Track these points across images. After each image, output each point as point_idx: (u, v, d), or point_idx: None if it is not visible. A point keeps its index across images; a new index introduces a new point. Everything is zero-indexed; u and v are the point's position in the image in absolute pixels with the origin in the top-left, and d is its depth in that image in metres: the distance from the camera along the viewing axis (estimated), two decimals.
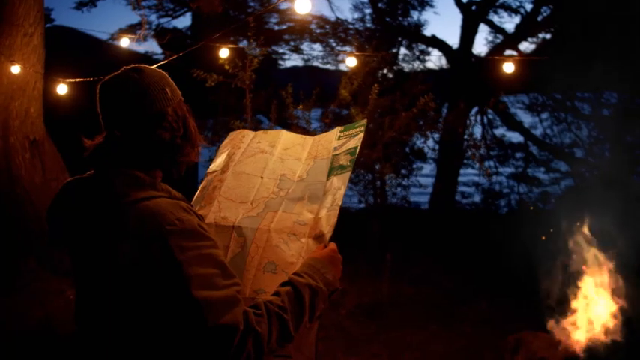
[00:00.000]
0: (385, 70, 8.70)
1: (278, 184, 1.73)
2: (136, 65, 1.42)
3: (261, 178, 1.76)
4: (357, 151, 1.70)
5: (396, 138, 5.05)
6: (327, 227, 1.55)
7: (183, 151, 1.43)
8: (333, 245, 1.54)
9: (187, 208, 1.29)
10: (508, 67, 3.79)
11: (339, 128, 1.86)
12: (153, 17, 9.63)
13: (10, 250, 4.66)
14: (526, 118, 10.35)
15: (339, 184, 1.64)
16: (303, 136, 1.92)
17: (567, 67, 7.86)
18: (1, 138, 4.48)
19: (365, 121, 1.83)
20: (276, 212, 1.63)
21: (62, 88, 3.90)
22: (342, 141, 1.78)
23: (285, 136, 1.93)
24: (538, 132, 10.05)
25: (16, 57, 4.40)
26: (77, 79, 4.05)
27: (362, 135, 1.76)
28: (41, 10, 4.64)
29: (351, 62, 4.42)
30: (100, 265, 1.28)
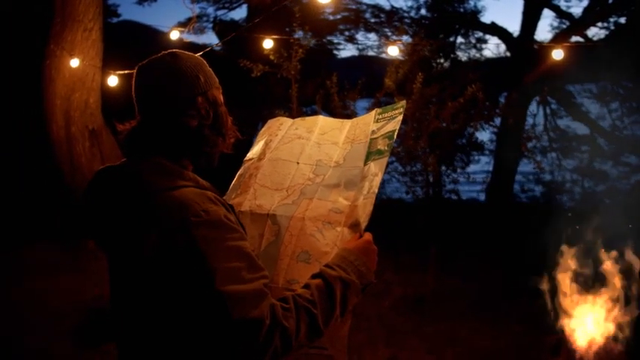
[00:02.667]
0: (442, 60, 8.50)
1: (314, 169, 1.68)
2: (173, 50, 1.39)
3: (297, 163, 1.71)
4: (395, 134, 1.63)
5: (442, 128, 4.92)
6: (363, 216, 1.48)
7: (210, 140, 1.38)
8: (368, 236, 1.46)
9: (214, 198, 1.25)
10: (557, 54, 3.57)
11: (377, 110, 1.78)
12: (210, 10, 9.92)
13: (72, 233, 4.99)
14: (594, 109, 9.78)
15: (376, 170, 1.56)
16: (341, 120, 1.86)
17: None
18: (64, 127, 4.80)
19: (404, 103, 1.74)
20: (312, 199, 1.58)
21: (113, 80, 4.11)
22: (381, 124, 1.71)
23: (322, 121, 1.88)
24: (606, 123, 9.47)
25: (77, 51, 4.69)
26: (128, 71, 4.25)
27: (400, 117, 1.68)
28: (100, 6, 4.91)
29: (393, 51, 4.34)
30: (127, 254, 1.27)
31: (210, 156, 1.42)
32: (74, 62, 4.56)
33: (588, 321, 3.08)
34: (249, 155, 1.84)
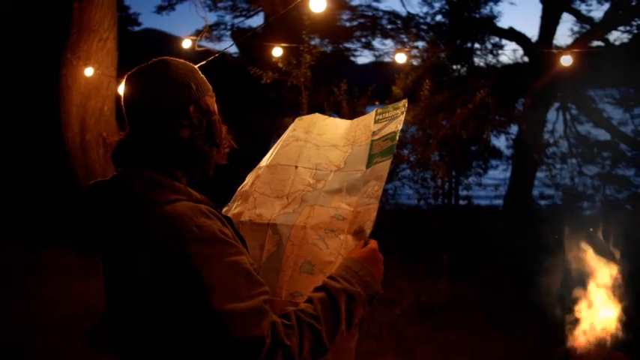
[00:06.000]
0: (458, 66, 8.44)
1: (314, 174, 1.62)
2: (163, 57, 1.33)
3: (296, 167, 1.64)
4: (397, 136, 1.56)
5: (453, 135, 4.87)
6: (368, 222, 1.42)
7: (203, 151, 1.33)
8: (373, 244, 1.40)
9: (208, 212, 1.20)
10: (566, 60, 3.51)
11: (377, 110, 1.71)
12: (228, 18, 10.05)
13: (84, 239, 5.09)
14: (616, 114, 9.57)
15: (380, 174, 1.50)
16: (340, 120, 1.80)
17: None
18: (79, 134, 4.91)
19: (405, 102, 1.66)
20: (313, 206, 1.52)
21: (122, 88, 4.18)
22: (381, 124, 1.65)
23: (320, 121, 1.80)
24: (629, 129, 9.27)
25: (92, 60, 4.80)
26: None
27: (402, 118, 1.61)
28: (115, 16, 5.02)
29: (401, 59, 4.31)
30: (120, 271, 1.23)
31: (205, 167, 1.37)
32: (89, 71, 4.66)
33: (597, 329, 3.01)
34: (258, 165, 1.77)
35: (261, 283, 1.18)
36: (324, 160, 1.65)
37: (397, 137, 1.56)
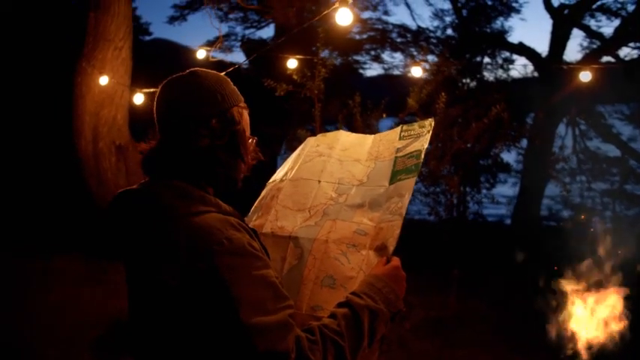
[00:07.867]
0: (468, 80, 8.45)
1: (337, 188, 1.62)
2: (194, 69, 1.35)
3: (319, 182, 1.65)
4: (422, 154, 1.57)
5: (466, 149, 4.86)
6: (391, 239, 1.42)
7: (223, 161, 1.32)
8: (396, 261, 1.39)
9: (237, 224, 1.21)
10: (585, 76, 3.49)
11: (401, 127, 1.73)
12: (239, 29, 10.13)
13: (98, 246, 5.09)
14: (625, 130, 9.56)
15: (404, 191, 1.50)
16: (363, 135, 1.81)
17: None
18: (92, 142, 4.92)
19: (431, 121, 1.68)
20: (335, 220, 1.52)
21: (139, 98, 4.21)
22: (406, 141, 1.65)
23: (343, 137, 1.81)
24: (638, 145, 9.24)
25: (107, 69, 4.82)
26: (155, 89, 4.35)
27: (428, 137, 1.63)
28: (130, 26, 5.05)
29: (417, 72, 4.31)
30: (147, 281, 1.23)
31: (230, 178, 1.35)
32: (104, 80, 4.68)
33: (607, 346, 2.98)
34: (273, 177, 1.79)
35: (286, 297, 1.19)
36: (346, 175, 1.66)
37: (422, 156, 1.56)
